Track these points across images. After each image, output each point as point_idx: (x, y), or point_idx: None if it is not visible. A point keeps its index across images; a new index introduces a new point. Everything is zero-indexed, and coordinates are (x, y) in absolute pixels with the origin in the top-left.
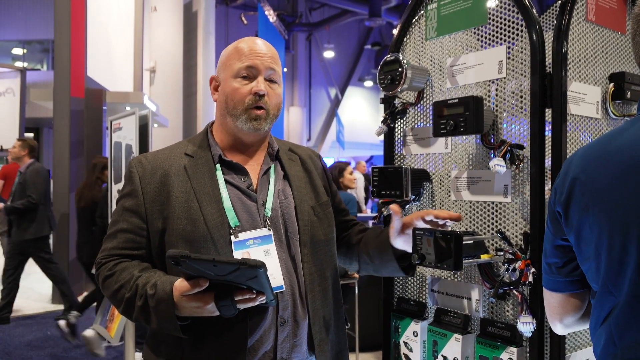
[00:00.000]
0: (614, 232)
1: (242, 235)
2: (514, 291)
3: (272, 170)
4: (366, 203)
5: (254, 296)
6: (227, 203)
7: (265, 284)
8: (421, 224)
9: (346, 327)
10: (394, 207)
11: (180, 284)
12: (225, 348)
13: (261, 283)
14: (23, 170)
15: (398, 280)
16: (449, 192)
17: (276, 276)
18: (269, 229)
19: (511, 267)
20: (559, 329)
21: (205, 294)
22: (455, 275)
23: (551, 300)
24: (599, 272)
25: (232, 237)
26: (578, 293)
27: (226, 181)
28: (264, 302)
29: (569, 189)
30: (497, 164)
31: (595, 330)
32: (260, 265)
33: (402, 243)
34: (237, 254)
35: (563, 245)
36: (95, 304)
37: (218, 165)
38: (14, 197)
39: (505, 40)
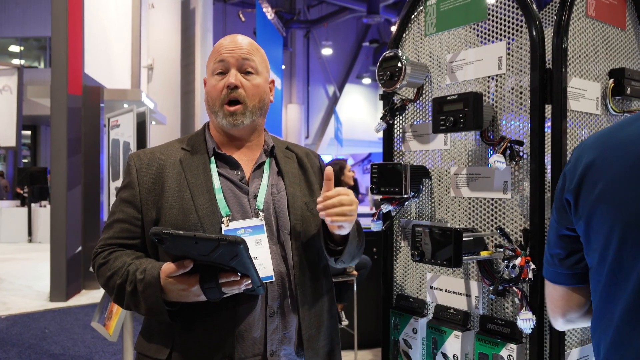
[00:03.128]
0: (628, 223)
1: (233, 224)
2: (514, 288)
3: (266, 165)
4: None
5: (239, 278)
6: (218, 193)
7: (247, 264)
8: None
9: (344, 323)
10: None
11: (167, 266)
12: (213, 334)
13: (243, 262)
14: None
15: (397, 277)
16: (448, 188)
17: (266, 266)
18: (261, 219)
19: (511, 264)
20: (560, 325)
21: (191, 277)
22: (455, 272)
23: (554, 293)
24: (604, 263)
25: (223, 225)
26: (582, 287)
27: (219, 173)
28: (250, 287)
29: (581, 175)
30: (497, 160)
31: (599, 326)
32: (240, 242)
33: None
34: None
35: (568, 235)
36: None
37: (212, 159)
38: None
39: (505, 36)
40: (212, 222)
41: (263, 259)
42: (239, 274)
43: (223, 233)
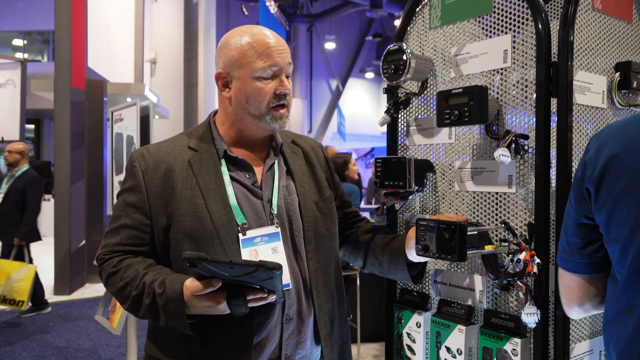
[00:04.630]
0: None
1: (250, 233)
2: (518, 282)
3: (276, 165)
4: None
5: (266, 295)
6: (232, 200)
7: (278, 284)
8: None
9: (348, 318)
10: None
11: (192, 284)
12: (231, 346)
13: (274, 283)
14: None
15: None
16: (452, 182)
17: (284, 274)
18: (277, 226)
19: (515, 258)
20: (574, 314)
21: (217, 293)
22: (459, 266)
23: (571, 283)
24: (627, 254)
25: (240, 234)
26: (599, 276)
27: (231, 177)
28: (273, 300)
29: (605, 165)
30: (502, 154)
31: (617, 315)
32: (278, 267)
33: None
34: (245, 252)
35: (586, 224)
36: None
37: (223, 161)
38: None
39: (510, 29)
40: (229, 231)
41: None
42: (266, 290)
43: (240, 242)
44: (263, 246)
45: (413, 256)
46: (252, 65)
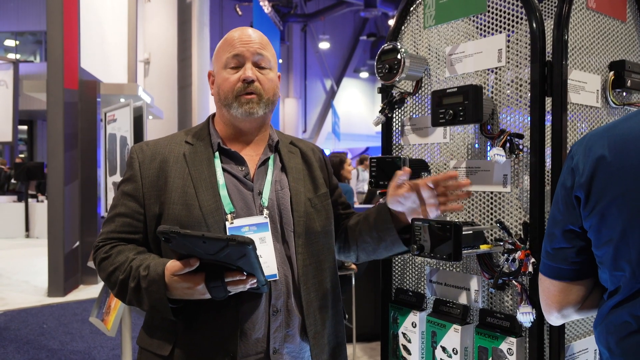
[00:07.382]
0: None
1: (238, 222)
2: (514, 281)
3: (270, 161)
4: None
5: (245, 277)
6: (222, 189)
7: (255, 264)
8: (426, 193)
9: (345, 319)
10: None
11: (172, 264)
12: (216, 333)
13: (250, 262)
14: None
15: (396, 271)
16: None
17: (270, 264)
18: (265, 217)
19: (510, 258)
20: (553, 319)
21: (196, 275)
22: (454, 266)
23: (551, 288)
24: (619, 255)
25: (228, 222)
26: (581, 282)
27: (223, 169)
28: (255, 285)
29: (593, 169)
30: (497, 154)
31: (605, 316)
32: (249, 242)
33: (399, 203)
34: None
35: (573, 231)
36: None
37: (217, 154)
38: None
39: (504, 29)
40: (216, 219)
41: (267, 257)
42: (245, 273)
43: (227, 230)
44: (251, 235)
45: (395, 204)
46: (221, 59)
